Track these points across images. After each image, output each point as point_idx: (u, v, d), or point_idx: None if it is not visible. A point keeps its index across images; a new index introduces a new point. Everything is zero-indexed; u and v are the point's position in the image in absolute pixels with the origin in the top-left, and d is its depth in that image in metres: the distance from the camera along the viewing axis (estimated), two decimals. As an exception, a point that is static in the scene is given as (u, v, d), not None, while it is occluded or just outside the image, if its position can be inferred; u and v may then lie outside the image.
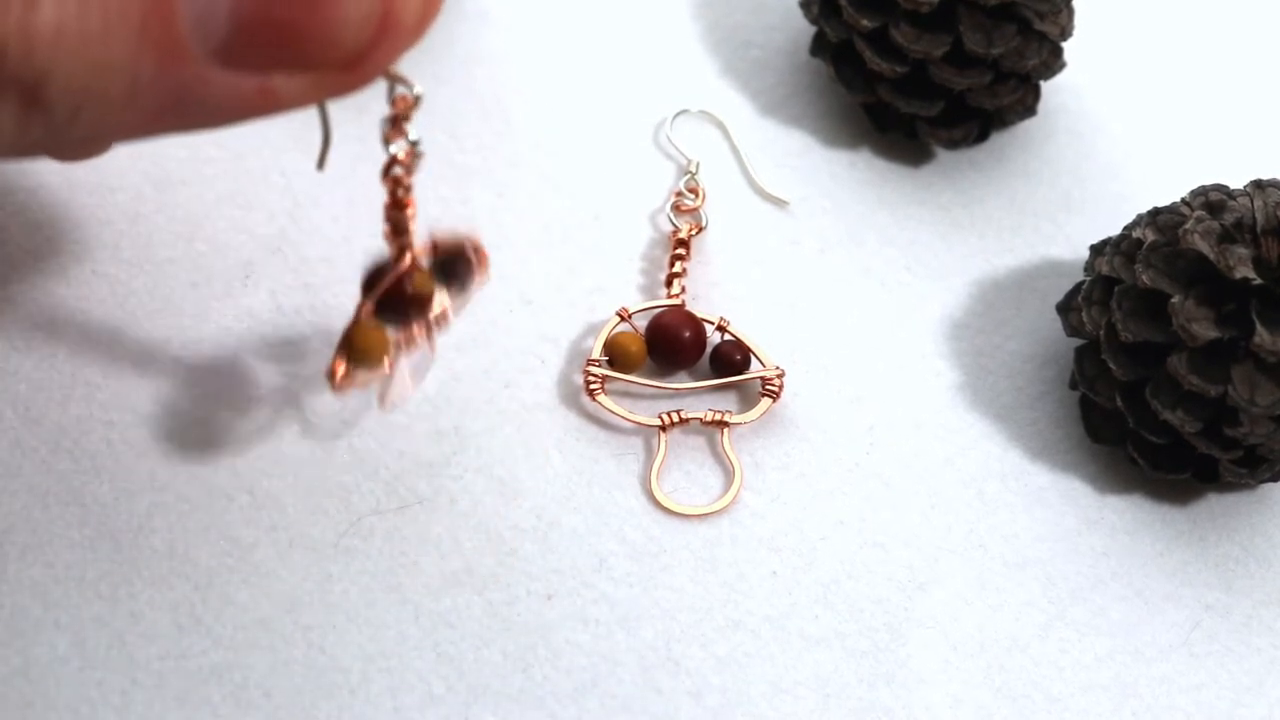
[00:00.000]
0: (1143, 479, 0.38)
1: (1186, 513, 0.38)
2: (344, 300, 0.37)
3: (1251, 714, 0.35)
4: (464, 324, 0.38)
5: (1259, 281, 0.34)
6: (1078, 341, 0.38)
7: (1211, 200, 0.36)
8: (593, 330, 0.39)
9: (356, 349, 0.31)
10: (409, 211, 0.30)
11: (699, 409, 0.37)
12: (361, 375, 0.31)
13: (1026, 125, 0.43)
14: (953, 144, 0.42)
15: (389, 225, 0.30)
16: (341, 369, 0.31)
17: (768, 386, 0.38)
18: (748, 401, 0.38)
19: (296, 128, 0.40)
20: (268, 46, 0.25)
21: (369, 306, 0.31)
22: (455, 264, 0.32)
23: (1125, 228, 0.38)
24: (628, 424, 0.37)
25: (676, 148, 0.42)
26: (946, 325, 0.40)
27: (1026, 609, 0.36)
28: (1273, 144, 0.44)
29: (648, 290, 0.40)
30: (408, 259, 0.31)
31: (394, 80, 0.28)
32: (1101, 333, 0.36)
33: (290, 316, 0.38)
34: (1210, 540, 0.37)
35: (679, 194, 0.41)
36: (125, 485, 0.35)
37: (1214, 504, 0.38)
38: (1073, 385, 0.38)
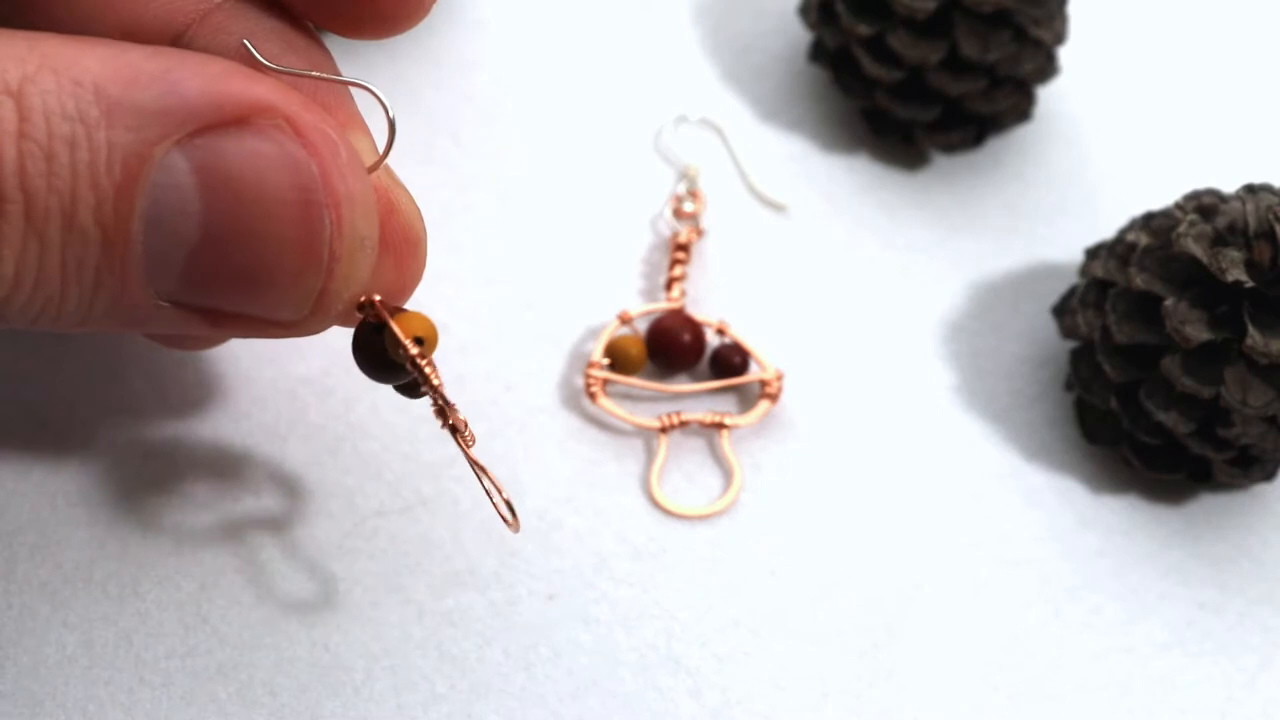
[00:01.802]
0: (1137, 479, 0.38)
1: (1180, 513, 0.38)
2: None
3: (1245, 711, 0.35)
4: (466, 328, 0.38)
5: (1251, 284, 0.34)
6: (1073, 344, 0.39)
7: (1204, 204, 0.36)
8: (593, 333, 0.39)
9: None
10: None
11: (699, 411, 0.38)
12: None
13: (1022, 130, 0.43)
14: (949, 149, 0.43)
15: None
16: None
17: (767, 389, 0.38)
18: (747, 404, 0.39)
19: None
20: (213, 309, 0.26)
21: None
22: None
23: (1119, 231, 0.38)
24: (628, 426, 0.38)
25: (677, 152, 0.42)
26: (943, 327, 0.40)
27: (1023, 608, 0.36)
28: (1264, 148, 0.44)
29: (648, 294, 0.40)
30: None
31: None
32: (1096, 335, 0.36)
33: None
34: (1204, 540, 0.37)
35: (679, 198, 0.41)
36: (132, 486, 0.35)
37: (1207, 504, 0.38)
38: (1068, 387, 0.39)
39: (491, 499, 0.31)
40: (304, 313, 0.27)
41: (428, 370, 0.28)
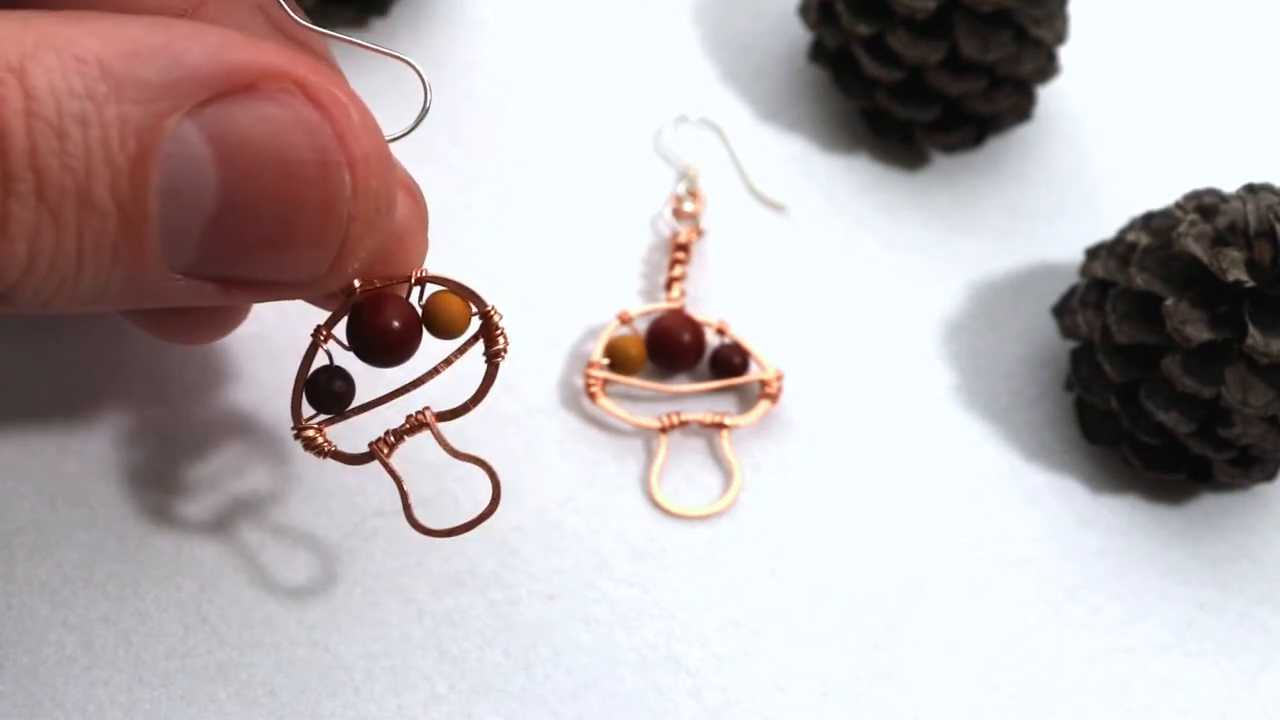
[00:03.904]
0: (1137, 479, 0.38)
1: (1180, 513, 0.38)
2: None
3: (1245, 711, 0.35)
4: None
5: (1251, 284, 0.34)
6: (1073, 343, 0.39)
7: (1205, 204, 0.36)
8: (593, 333, 0.39)
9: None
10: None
11: (699, 411, 0.38)
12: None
13: (1022, 130, 0.43)
14: (949, 149, 0.43)
15: None
16: None
17: (767, 389, 0.38)
18: (747, 404, 0.39)
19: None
20: (228, 277, 0.26)
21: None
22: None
23: (1119, 231, 0.38)
24: (628, 426, 0.38)
25: (677, 152, 0.42)
26: (943, 327, 0.40)
27: (1023, 608, 0.36)
28: (1265, 148, 0.44)
29: (648, 294, 0.40)
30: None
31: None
32: (1096, 335, 0.37)
33: (293, 320, 0.38)
34: (1204, 540, 0.38)
35: (679, 198, 0.41)
36: (131, 486, 0.35)
37: (1208, 504, 0.38)
38: (1068, 387, 0.39)
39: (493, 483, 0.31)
40: (322, 273, 0.27)
41: (319, 441, 0.30)
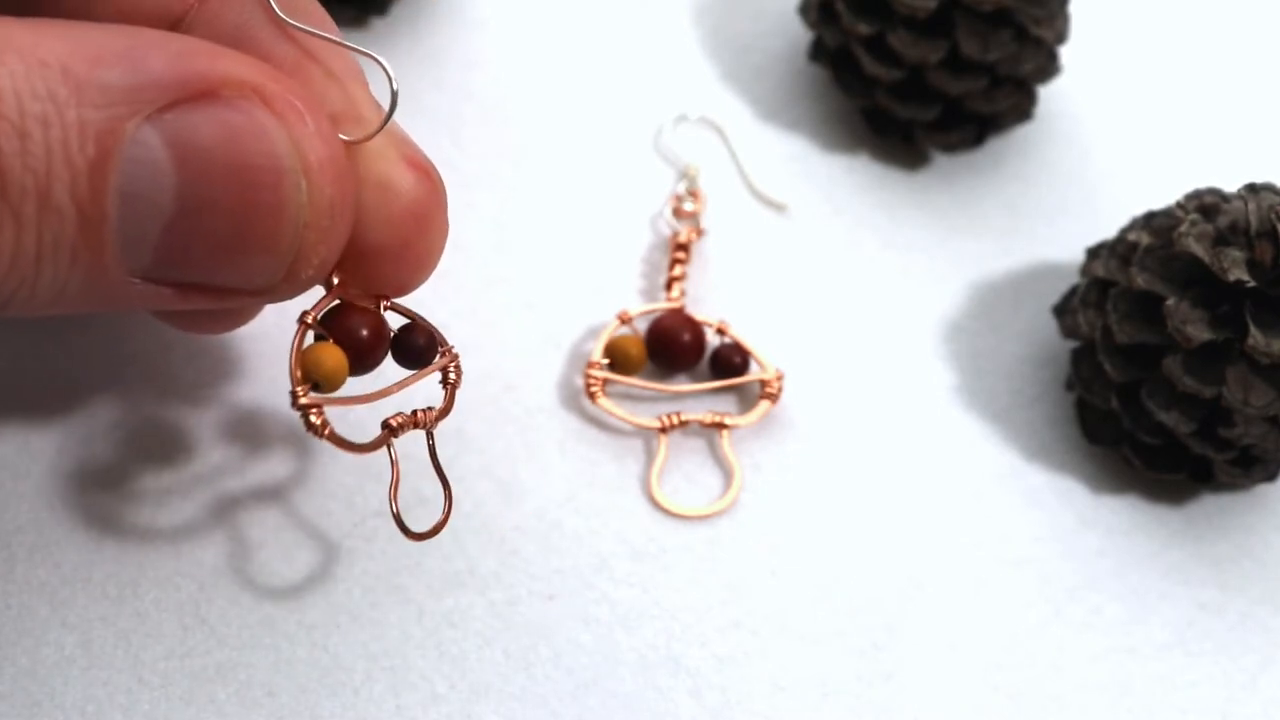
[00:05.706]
0: (1138, 479, 0.38)
1: (1181, 513, 0.38)
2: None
3: (1246, 711, 0.35)
4: (466, 327, 0.38)
5: (1252, 284, 0.34)
6: (1074, 343, 0.39)
7: (1206, 203, 0.36)
8: (593, 333, 0.39)
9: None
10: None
11: (699, 411, 0.38)
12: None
13: (1022, 130, 0.43)
14: (950, 148, 0.43)
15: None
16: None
17: (767, 389, 0.38)
18: (747, 404, 0.38)
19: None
20: (185, 282, 0.27)
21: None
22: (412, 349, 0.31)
23: (1120, 231, 0.38)
24: (628, 426, 0.38)
25: (677, 152, 0.42)
26: (944, 327, 0.40)
27: (1023, 608, 0.36)
28: (1266, 148, 0.44)
29: (648, 294, 0.40)
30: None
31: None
32: (1097, 335, 0.36)
33: (295, 321, 0.38)
34: (1205, 540, 0.37)
35: (679, 198, 0.41)
36: (131, 487, 0.35)
37: (1208, 504, 0.38)
38: (1069, 387, 0.39)
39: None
40: (277, 279, 0.27)
41: (315, 419, 0.28)
